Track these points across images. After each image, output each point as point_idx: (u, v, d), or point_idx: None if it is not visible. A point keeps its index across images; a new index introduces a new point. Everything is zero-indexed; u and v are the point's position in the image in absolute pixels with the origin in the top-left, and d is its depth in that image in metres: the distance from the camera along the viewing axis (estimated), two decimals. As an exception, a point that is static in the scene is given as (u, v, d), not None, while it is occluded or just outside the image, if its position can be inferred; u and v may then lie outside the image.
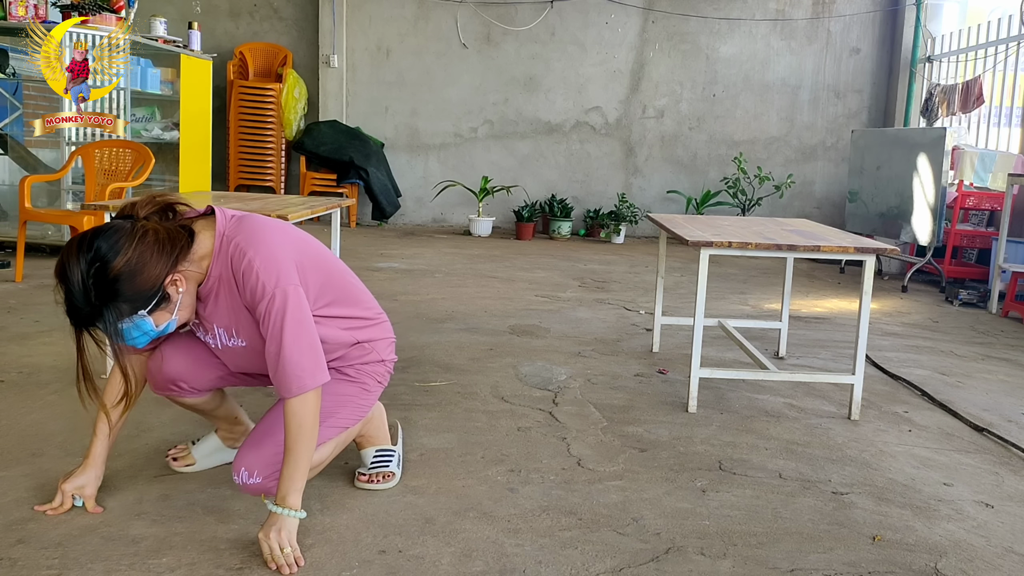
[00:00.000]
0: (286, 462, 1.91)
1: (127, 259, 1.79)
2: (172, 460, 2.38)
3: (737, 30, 8.94)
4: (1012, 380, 3.83)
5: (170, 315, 1.92)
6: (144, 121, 6.73)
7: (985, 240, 6.56)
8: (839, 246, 2.95)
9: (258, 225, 1.97)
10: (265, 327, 1.91)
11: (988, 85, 7.38)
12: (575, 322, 4.60)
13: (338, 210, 3.95)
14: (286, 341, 1.89)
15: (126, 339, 1.87)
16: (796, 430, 2.98)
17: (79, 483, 2.11)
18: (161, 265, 1.84)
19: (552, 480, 2.43)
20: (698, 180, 9.07)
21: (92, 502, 2.11)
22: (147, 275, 1.82)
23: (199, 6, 8.94)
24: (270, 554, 1.87)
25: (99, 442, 2.16)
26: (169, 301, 1.90)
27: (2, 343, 3.66)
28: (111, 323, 1.81)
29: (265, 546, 1.88)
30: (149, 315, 1.87)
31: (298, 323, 1.90)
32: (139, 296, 1.83)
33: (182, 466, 2.37)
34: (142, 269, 1.81)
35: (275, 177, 8.86)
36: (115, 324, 1.82)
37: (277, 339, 1.89)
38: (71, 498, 2.10)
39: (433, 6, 8.93)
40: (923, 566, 2.02)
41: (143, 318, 1.86)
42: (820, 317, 5.11)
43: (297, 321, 1.90)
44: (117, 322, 1.82)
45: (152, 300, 1.85)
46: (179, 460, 2.38)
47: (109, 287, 1.78)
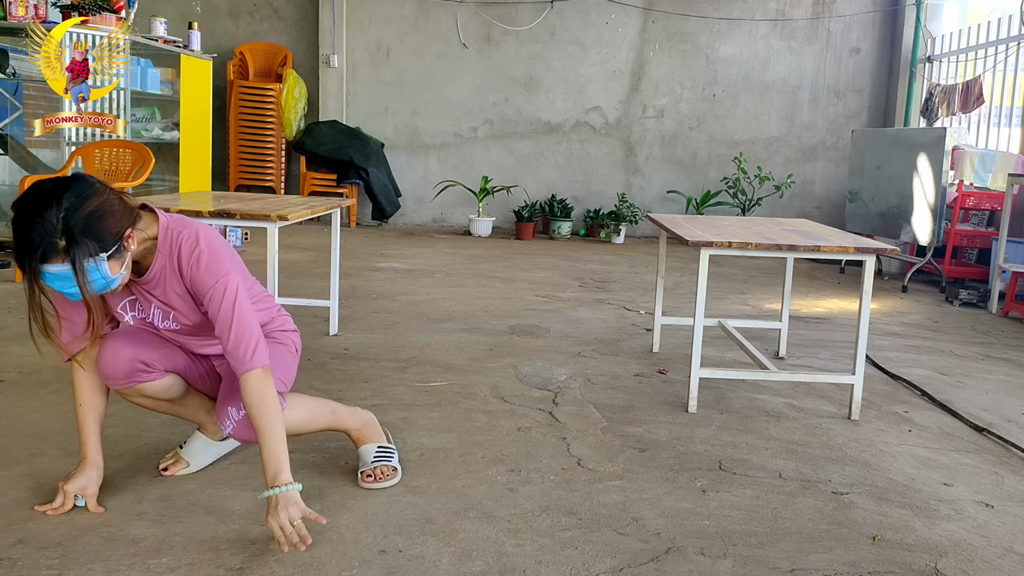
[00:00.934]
0: (262, 442, 2.00)
1: (101, 201, 1.90)
2: (163, 471, 2.36)
3: (737, 30, 8.94)
4: (1012, 380, 3.83)
5: (120, 268, 1.96)
6: (144, 121, 6.73)
7: (985, 240, 6.56)
8: (839, 246, 2.95)
9: (200, 224, 2.15)
10: (215, 309, 2.05)
11: (988, 85, 7.38)
12: (575, 322, 4.60)
13: (338, 210, 3.95)
14: (236, 320, 2.03)
15: (87, 279, 1.88)
16: (796, 430, 2.98)
17: (80, 483, 2.12)
18: (125, 217, 1.96)
19: (552, 480, 2.43)
20: (698, 180, 9.07)
21: (94, 501, 2.12)
22: (114, 220, 1.92)
23: (199, 6, 8.94)
24: (282, 534, 1.90)
25: (92, 437, 2.18)
26: (123, 254, 1.96)
27: (2, 343, 3.66)
28: (78, 258, 1.84)
29: (276, 527, 1.91)
30: (108, 260, 1.92)
31: (244, 306, 2.06)
32: (106, 237, 1.90)
33: (177, 471, 2.36)
34: (111, 213, 1.92)
35: (275, 177, 8.86)
36: (80, 260, 1.85)
37: (228, 319, 2.03)
38: (73, 498, 2.10)
39: (433, 6, 8.93)
40: (923, 566, 2.02)
41: (103, 261, 1.90)
42: (820, 317, 5.11)
43: (244, 304, 2.06)
44: (82, 259, 1.85)
45: (114, 246, 1.92)
46: (171, 468, 2.36)
47: (83, 221, 1.85)
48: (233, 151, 8.80)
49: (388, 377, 3.39)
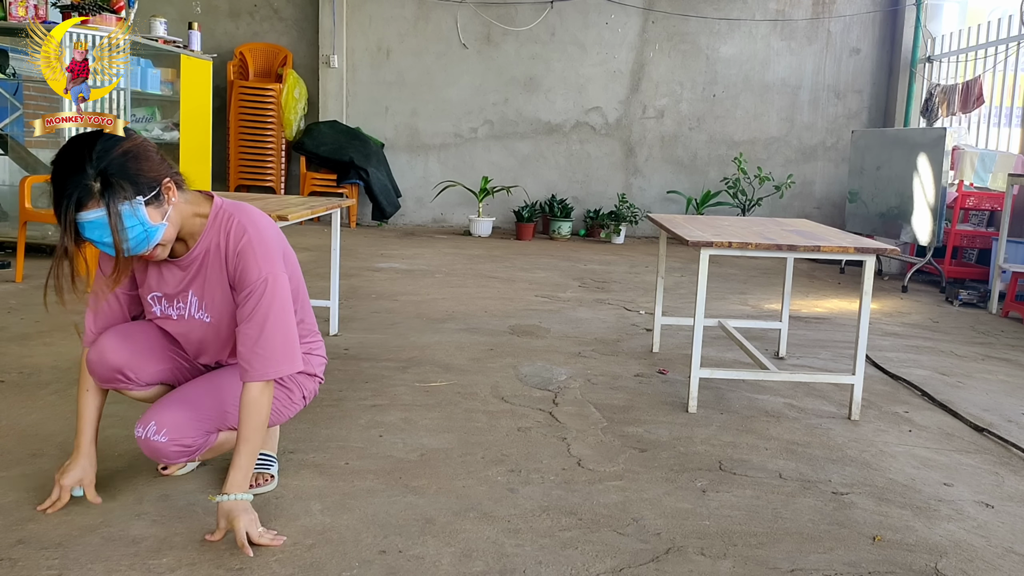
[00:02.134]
0: (243, 451, 1.97)
1: (135, 143, 1.88)
2: (163, 470, 2.33)
3: (737, 30, 8.94)
4: (1012, 380, 3.83)
5: (160, 219, 1.90)
6: (144, 121, 6.73)
7: (985, 240, 6.56)
8: (839, 246, 2.95)
9: (257, 212, 2.06)
10: (248, 308, 1.96)
11: (988, 85, 7.38)
12: (575, 322, 4.60)
13: (338, 210, 3.95)
14: (269, 324, 1.95)
15: (124, 225, 1.83)
16: (796, 430, 2.98)
17: (76, 476, 2.09)
18: (160, 164, 1.92)
19: (552, 480, 2.43)
20: (698, 180, 9.07)
21: (92, 490, 2.10)
22: (150, 164, 1.88)
23: (199, 6, 8.94)
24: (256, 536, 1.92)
25: (89, 426, 2.13)
26: (162, 204, 1.91)
27: (2, 343, 3.66)
28: (113, 202, 1.80)
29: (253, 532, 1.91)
30: (146, 206, 1.87)
31: (284, 310, 1.98)
32: (141, 180, 1.85)
33: (175, 471, 2.33)
34: (147, 157, 1.89)
35: (275, 177, 8.86)
36: (116, 204, 1.81)
37: (260, 322, 1.95)
38: (70, 492, 2.09)
39: (433, 6, 8.93)
40: (923, 566, 2.02)
41: (140, 205, 1.85)
42: (820, 317, 5.11)
43: (283, 307, 1.98)
44: (118, 202, 1.81)
45: (152, 191, 1.87)
46: (170, 467, 2.32)
47: (117, 161, 1.82)
48: (233, 151, 8.80)
49: (388, 377, 3.39)
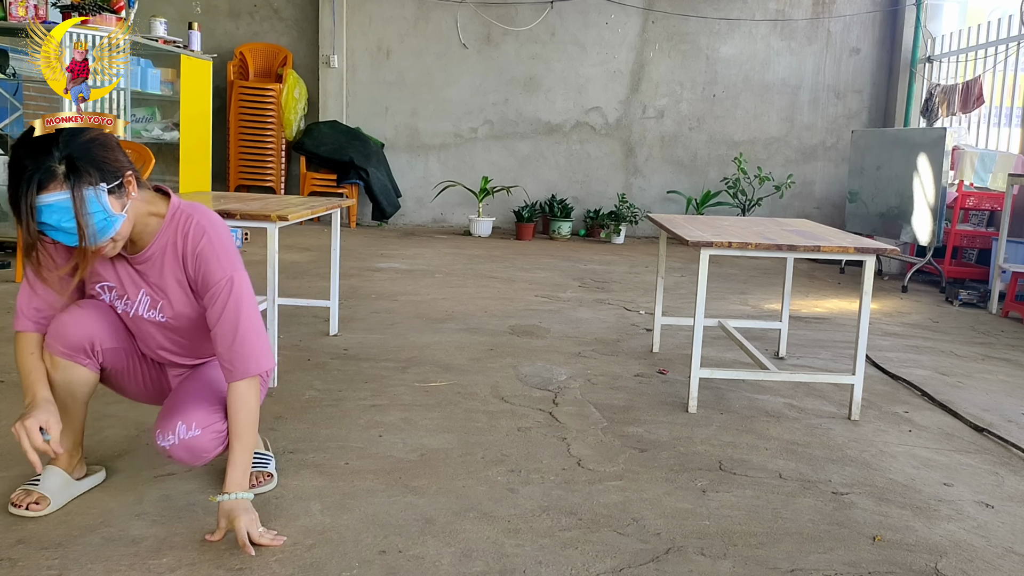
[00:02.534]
0: (238, 448, 1.98)
1: (100, 133, 1.90)
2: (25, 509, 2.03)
3: (737, 30, 8.94)
4: (1012, 380, 3.83)
5: (121, 209, 1.89)
6: (144, 121, 6.72)
7: (985, 240, 6.56)
8: (839, 246, 2.95)
9: (213, 213, 2.08)
10: (218, 309, 1.97)
11: (988, 85, 7.38)
12: (575, 322, 4.60)
13: (338, 210, 3.95)
14: (242, 323, 1.97)
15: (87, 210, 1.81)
16: (796, 430, 2.98)
17: (42, 417, 1.90)
18: (124, 158, 1.93)
19: (552, 480, 2.43)
20: (698, 180, 9.07)
21: (58, 434, 1.92)
22: (113, 154, 1.89)
23: (199, 6, 8.94)
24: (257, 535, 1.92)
25: (40, 381, 1.99)
26: (123, 195, 1.90)
27: (2, 343, 3.66)
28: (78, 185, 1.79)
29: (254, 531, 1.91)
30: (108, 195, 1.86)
31: (251, 306, 2.00)
32: (106, 167, 1.86)
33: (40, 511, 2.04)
34: (111, 147, 1.89)
35: (275, 177, 8.86)
36: (80, 188, 1.80)
37: (233, 321, 1.97)
38: (39, 432, 1.89)
39: (433, 6, 8.93)
40: (923, 566, 2.02)
41: (104, 192, 1.85)
42: (820, 317, 5.11)
43: (251, 304, 2.00)
44: (83, 186, 1.80)
45: (115, 180, 1.87)
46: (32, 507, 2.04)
47: (83, 145, 1.83)
48: (233, 151, 8.80)
49: (388, 377, 3.39)
